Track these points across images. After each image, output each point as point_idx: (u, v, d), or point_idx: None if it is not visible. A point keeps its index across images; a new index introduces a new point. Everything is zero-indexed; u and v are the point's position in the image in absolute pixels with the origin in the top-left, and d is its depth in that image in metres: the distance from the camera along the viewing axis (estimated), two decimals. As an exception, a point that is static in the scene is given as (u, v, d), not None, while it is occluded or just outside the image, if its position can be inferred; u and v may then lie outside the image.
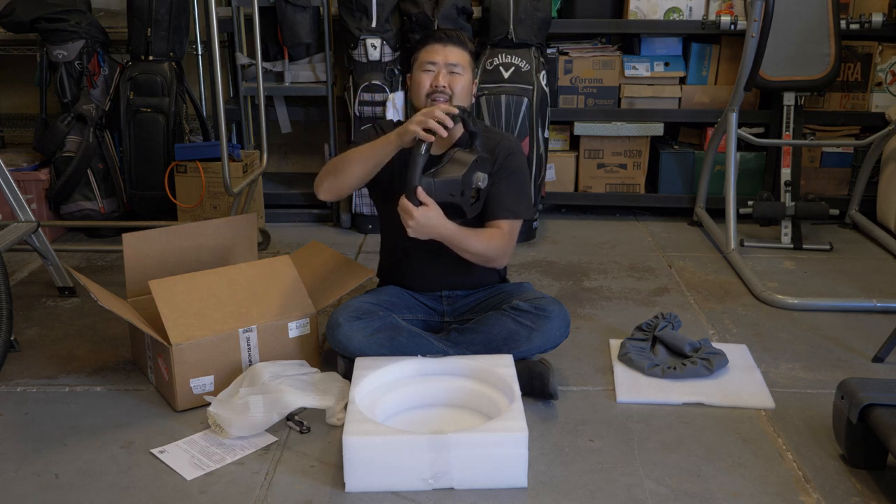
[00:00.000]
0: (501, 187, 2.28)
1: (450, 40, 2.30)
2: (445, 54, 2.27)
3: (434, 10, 3.50)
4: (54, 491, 1.83)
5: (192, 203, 3.53)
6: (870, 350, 2.50)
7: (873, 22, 3.50)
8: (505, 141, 2.36)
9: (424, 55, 2.30)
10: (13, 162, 3.66)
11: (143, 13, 3.50)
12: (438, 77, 2.26)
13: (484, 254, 2.25)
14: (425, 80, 2.28)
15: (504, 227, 2.28)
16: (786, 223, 3.48)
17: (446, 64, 2.27)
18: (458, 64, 2.28)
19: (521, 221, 2.34)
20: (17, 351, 2.50)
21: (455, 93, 2.26)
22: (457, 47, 2.29)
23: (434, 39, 2.31)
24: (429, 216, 2.09)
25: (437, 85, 2.25)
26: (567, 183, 3.94)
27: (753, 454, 1.97)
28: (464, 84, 2.28)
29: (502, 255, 2.29)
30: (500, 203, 2.29)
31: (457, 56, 2.28)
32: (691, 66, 3.82)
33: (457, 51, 2.29)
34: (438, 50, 2.28)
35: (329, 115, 3.83)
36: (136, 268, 2.43)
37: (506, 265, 2.43)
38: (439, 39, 2.30)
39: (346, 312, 2.22)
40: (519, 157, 2.36)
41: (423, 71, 2.29)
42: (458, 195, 2.13)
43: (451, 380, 2.13)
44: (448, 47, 2.28)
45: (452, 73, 2.27)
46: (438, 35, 2.32)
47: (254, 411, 2.00)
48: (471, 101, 2.35)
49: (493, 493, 1.80)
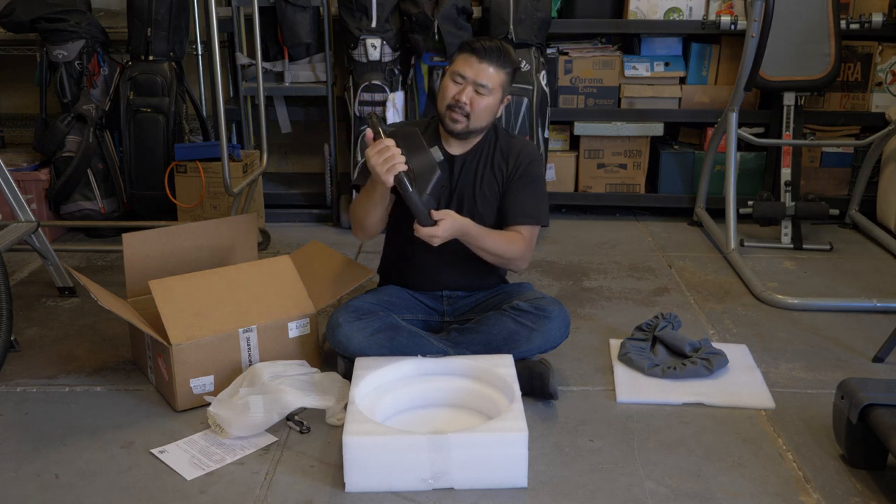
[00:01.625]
0: (523, 194, 2.30)
1: (487, 57, 2.20)
2: (478, 72, 2.20)
3: (434, 10, 3.50)
4: (54, 491, 1.83)
5: (192, 203, 3.53)
6: (870, 350, 2.51)
7: (873, 22, 3.50)
8: (528, 148, 2.37)
9: (459, 64, 2.23)
10: (13, 162, 3.66)
11: (143, 13, 3.50)
12: (462, 93, 2.21)
13: (503, 254, 2.25)
14: (450, 92, 2.23)
15: (524, 233, 2.29)
16: (786, 223, 3.48)
17: (475, 82, 2.20)
18: (488, 85, 2.20)
19: (539, 228, 2.35)
20: (17, 351, 2.50)
21: (474, 111, 2.21)
22: (492, 66, 2.20)
23: (473, 51, 2.21)
24: (450, 225, 2.12)
25: (459, 100, 2.21)
26: (567, 183, 3.94)
27: (753, 454, 1.97)
28: (487, 104, 2.22)
29: (521, 259, 2.29)
30: (521, 209, 2.30)
31: (489, 77, 2.20)
32: (691, 66, 3.82)
33: (491, 70, 2.20)
34: (473, 64, 2.21)
35: (329, 115, 3.83)
36: (136, 268, 2.43)
37: (524, 269, 2.43)
38: (477, 52, 2.20)
39: (346, 313, 2.22)
40: (540, 164, 2.37)
41: (452, 81, 2.24)
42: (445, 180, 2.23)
43: (451, 380, 2.13)
44: (483, 65, 2.20)
45: (479, 92, 2.21)
46: (479, 47, 2.21)
47: (254, 411, 2.00)
48: (493, 119, 2.29)
49: (493, 493, 1.80)
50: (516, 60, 2.30)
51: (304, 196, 3.96)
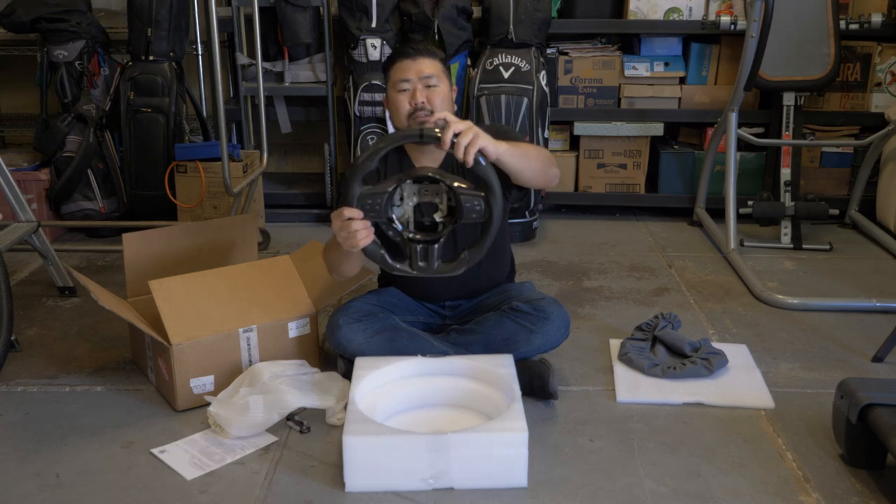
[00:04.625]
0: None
1: (418, 53, 2.18)
2: (417, 68, 2.16)
3: (434, 10, 3.50)
4: (54, 491, 1.83)
5: (192, 203, 3.53)
6: (870, 350, 2.51)
7: (873, 22, 3.50)
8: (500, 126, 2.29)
9: (396, 73, 2.19)
10: (13, 162, 3.66)
11: (143, 13, 3.50)
12: (415, 94, 2.15)
13: (540, 156, 2.10)
14: (403, 101, 2.17)
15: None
16: (786, 223, 3.49)
17: (420, 78, 2.16)
18: (433, 75, 2.17)
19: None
20: (18, 351, 2.51)
21: (436, 107, 2.16)
22: (426, 58, 2.18)
23: (402, 55, 2.19)
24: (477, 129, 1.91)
25: (417, 103, 2.15)
26: (567, 183, 3.94)
27: (753, 454, 1.97)
28: (442, 94, 2.18)
29: (551, 160, 2.15)
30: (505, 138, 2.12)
31: (429, 67, 2.17)
32: (691, 66, 3.82)
33: (427, 62, 2.18)
34: (409, 66, 2.17)
35: (329, 115, 3.83)
36: (136, 268, 2.43)
37: (558, 176, 2.22)
38: (407, 55, 2.18)
39: (346, 314, 2.22)
40: (513, 132, 2.28)
41: (398, 91, 2.18)
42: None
43: (451, 380, 2.13)
44: (418, 60, 2.17)
45: (429, 86, 2.17)
46: (406, 50, 2.20)
47: (254, 411, 2.00)
48: (453, 108, 2.25)
49: (493, 493, 1.80)
50: (440, 51, 2.27)
51: (304, 196, 3.96)
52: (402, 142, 1.99)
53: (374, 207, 1.93)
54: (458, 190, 1.91)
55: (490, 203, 1.91)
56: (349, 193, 1.93)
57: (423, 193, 1.96)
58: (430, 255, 1.99)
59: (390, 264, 2.01)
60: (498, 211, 1.93)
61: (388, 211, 1.95)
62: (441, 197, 1.96)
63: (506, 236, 2.44)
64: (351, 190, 1.93)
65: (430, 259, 1.99)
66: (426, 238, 1.98)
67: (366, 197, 1.92)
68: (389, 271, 2.04)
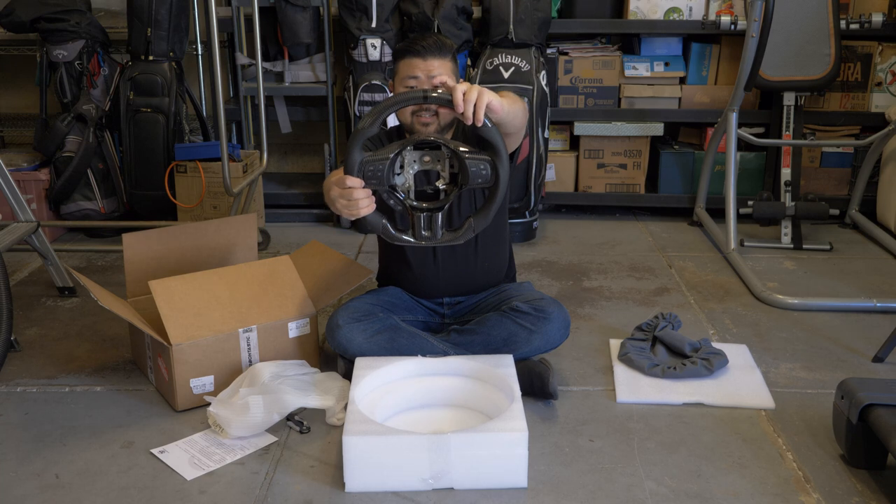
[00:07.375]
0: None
1: (429, 52, 2.16)
2: (427, 68, 2.16)
3: (434, 10, 3.50)
4: (54, 491, 1.83)
5: (192, 203, 3.53)
6: (870, 350, 2.50)
7: (873, 22, 3.50)
8: None
9: (404, 69, 2.19)
10: (13, 162, 3.66)
11: (143, 13, 3.50)
12: None
13: (517, 99, 2.06)
14: None
15: None
16: (786, 223, 3.49)
17: (428, 77, 2.15)
18: (442, 75, 2.16)
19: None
20: (17, 351, 2.51)
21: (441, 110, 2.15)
22: (437, 58, 2.16)
23: (413, 53, 2.17)
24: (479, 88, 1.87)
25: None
26: (567, 183, 3.94)
27: (753, 454, 1.97)
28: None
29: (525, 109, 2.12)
30: None
31: (438, 67, 2.16)
32: (691, 66, 3.82)
33: (437, 62, 2.16)
34: (419, 64, 2.16)
35: (329, 115, 3.83)
36: (136, 268, 2.43)
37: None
38: (418, 53, 2.16)
39: (346, 314, 2.22)
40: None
41: (404, 87, 2.18)
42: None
43: (451, 380, 2.13)
44: (428, 60, 2.16)
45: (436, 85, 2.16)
46: (417, 48, 2.17)
47: (254, 411, 2.00)
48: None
49: (493, 493, 1.80)
50: (451, 45, 2.23)
51: (304, 196, 3.96)
52: (406, 104, 1.92)
53: (375, 174, 1.89)
54: (463, 154, 1.88)
55: (497, 167, 1.88)
56: (350, 160, 1.89)
57: (424, 161, 1.94)
58: (434, 224, 1.95)
59: (393, 234, 1.97)
60: (504, 175, 1.90)
61: (390, 178, 1.92)
62: (443, 163, 1.93)
63: (506, 226, 2.43)
64: (351, 157, 1.88)
65: (434, 228, 1.96)
66: (430, 206, 1.95)
67: (367, 164, 1.89)
68: (391, 241, 2.00)
